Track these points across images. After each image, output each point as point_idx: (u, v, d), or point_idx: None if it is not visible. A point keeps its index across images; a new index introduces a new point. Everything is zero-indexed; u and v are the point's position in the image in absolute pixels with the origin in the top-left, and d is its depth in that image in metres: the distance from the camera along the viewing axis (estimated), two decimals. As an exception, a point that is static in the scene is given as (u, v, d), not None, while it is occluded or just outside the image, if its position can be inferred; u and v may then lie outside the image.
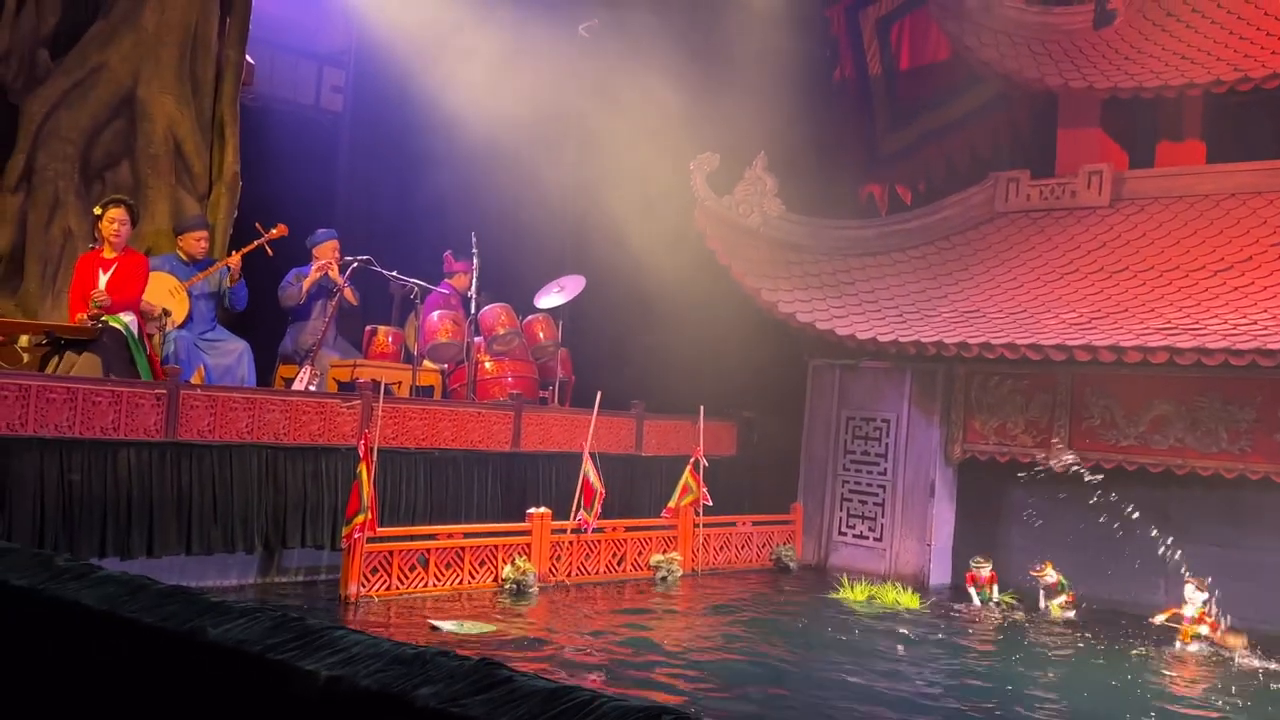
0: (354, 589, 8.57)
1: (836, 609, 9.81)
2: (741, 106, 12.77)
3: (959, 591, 10.68)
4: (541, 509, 9.91)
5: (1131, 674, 7.86)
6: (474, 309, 11.49)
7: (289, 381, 10.59)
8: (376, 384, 9.64)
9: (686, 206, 12.06)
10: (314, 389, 10.25)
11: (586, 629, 8.43)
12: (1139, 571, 9.89)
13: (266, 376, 10.82)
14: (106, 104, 10.58)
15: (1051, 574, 10.01)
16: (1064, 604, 9.89)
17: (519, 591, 9.34)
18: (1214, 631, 8.72)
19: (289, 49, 14.20)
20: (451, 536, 9.33)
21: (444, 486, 10.05)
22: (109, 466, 8.04)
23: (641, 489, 11.64)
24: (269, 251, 10.45)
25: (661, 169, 12.39)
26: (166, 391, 8.43)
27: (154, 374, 8.81)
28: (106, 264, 8.94)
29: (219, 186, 11.10)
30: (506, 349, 11.65)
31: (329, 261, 10.99)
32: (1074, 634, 9.14)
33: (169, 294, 9.77)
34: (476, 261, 11.48)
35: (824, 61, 14.98)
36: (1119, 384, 10.29)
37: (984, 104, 13.62)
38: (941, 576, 11.25)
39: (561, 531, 9.94)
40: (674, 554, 10.77)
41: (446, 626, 7.85)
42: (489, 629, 7.96)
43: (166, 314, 9.70)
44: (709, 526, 11.17)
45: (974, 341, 10.21)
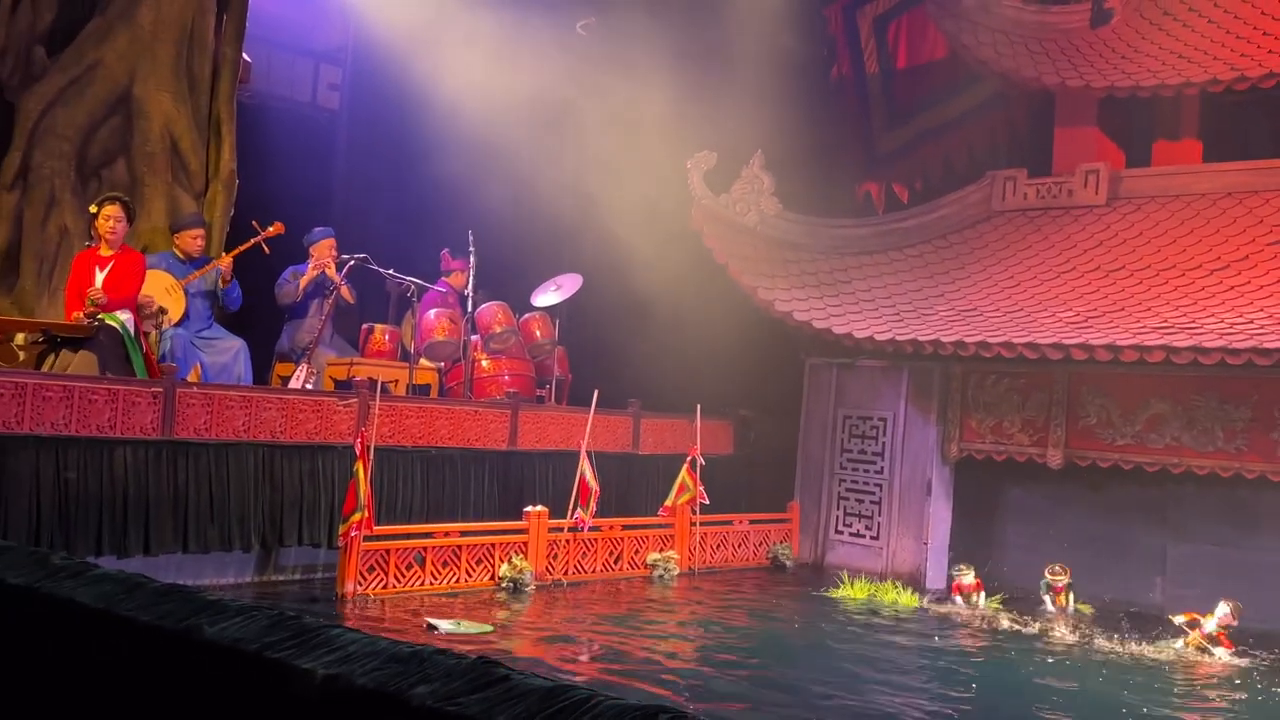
0: (351, 587, 8.57)
1: (836, 608, 9.81)
2: (739, 105, 12.78)
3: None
4: (538, 507, 9.91)
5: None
6: (471, 307, 11.48)
7: (286, 380, 10.58)
8: (373, 382, 9.63)
9: (684, 205, 12.06)
10: (310, 387, 10.24)
11: (583, 627, 8.43)
12: (1136, 570, 9.90)
13: (263, 375, 10.80)
14: (103, 101, 10.56)
15: (1064, 578, 9.80)
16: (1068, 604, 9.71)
17: (516, 590, 9.34)
18: (1227, 649, 8.57)
19: (286, 46, 14.19)
20: (448, 535, 9.33)
21: (441, 485, 10.05)
22: (105, 465, 8.03)
23: (638, 487, 11.65)
24: (266, 250, 10.43)
25: (659, 168, 12.39)
26: (163, 390, 8.42)
27: (150, 372, 8.80)
28: (103, 262, 8.92)
29: (215, 184, 11.08)
30: (503, 347, 11.65)
31: (326, 260, 10.97)
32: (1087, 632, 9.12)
33: (165, 292, 9.76)
34: (473, 260, 11.47)
35: (821, 60, 14.98)
36: (1115, 383, 10.30)
37: (981, 103, 13.63)
38: (938, 575, 11.25)
39: (558, 530, 9.94)
40: (671, 552, 10.77)
41: (444, 626, 7.85)
42: (486, 629, 7.96)
43: (163, 311, 9.68)
44: (706, 525, 11.17)
45: (971, 340, 10.22)
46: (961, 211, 12.54)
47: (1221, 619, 8.66)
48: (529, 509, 9.90)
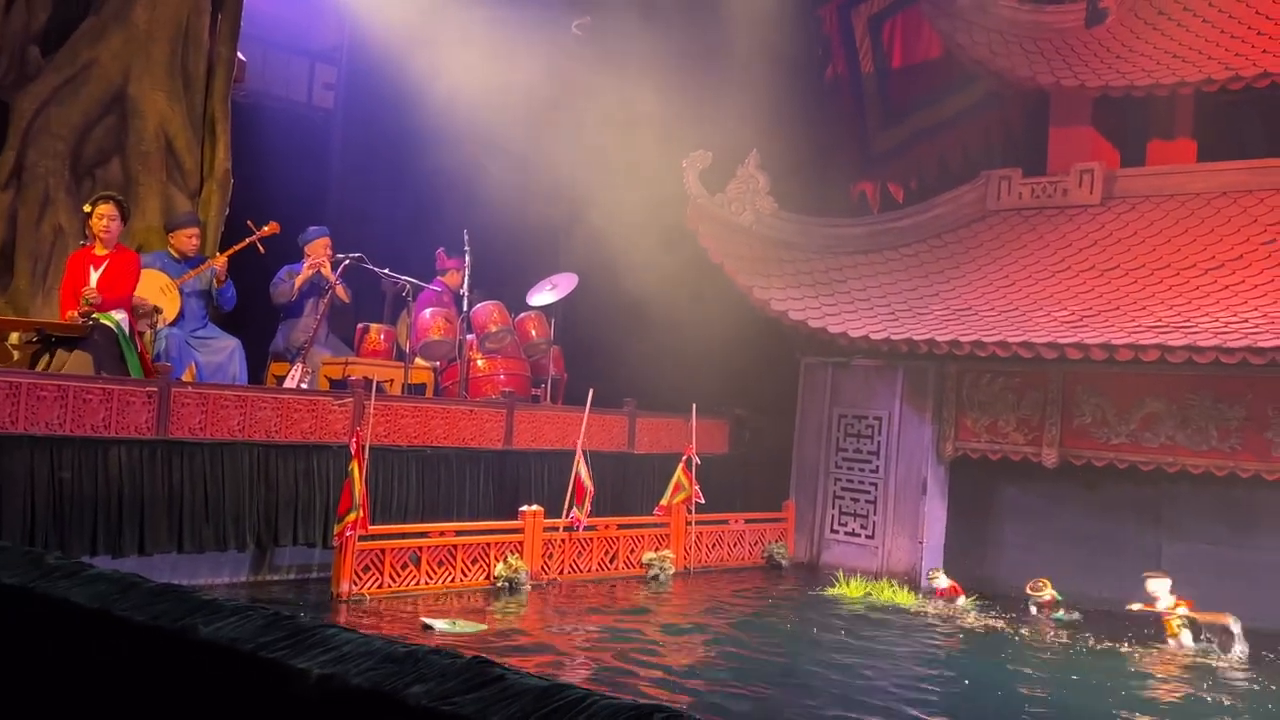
0: (346, 587, 8.56)
1: (832, 607, 9.81)
2: (734, 104, 12.77)
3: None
4: (534, 507, 9.91)
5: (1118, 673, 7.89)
6: (466, 306, 11.47)
7: (281, 379, 10.57)
8: (368, 382, 9.63)
9: (679, 204, 12.06)
10: (306, 387, 10.23)
11: (578, 627, 8.43)
12: (1131, 569, 9.90)
13: (258, 374, 10.79)
14: (97, 101, 10.54)
15: (1048, 592, 9.67)
16: (1068, 619, 9.54)
17: (511, 589, 9.33)
18: (1191, 608, 8.69)
19: (281, 46, 14.17)
20: (444, 534, 9.32)
21: (436, 484, 10.04)
22: (100, 464, 8.02)
23: (634, 487, 11.65)
24: (260, 249, 10.42)
25: (654, 167, 12.39)
26: (158, 389, 8.41)
27: (145, 372, 8.79)
28: (98, 261, 8.90)
29: (210, 184, 11.07)
30: (499, 346, 11.64)
31: (321, 259, 10.95)
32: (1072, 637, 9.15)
33: (160, 291, 9.75)
34: (469, 259, 11.46)
35: (816, 59, 14.98)
36: (1110, 382, 10.31)
37: (976, 102, 13.64)
38: (933, 574, 11.26)
39: (554, 529, 9.93)
40: (666, 552, 10.77)
41: (439, 625, 7.85)
42: (481, 628, 7.95)
43: (158, 311, 9.67)
44: (701, 524, 11.17)
45: (965, 339, 10.23)
46: (956, 211, 12.55)
47: (1160, 592, 8.92)
48: (524, 508, 9.89)
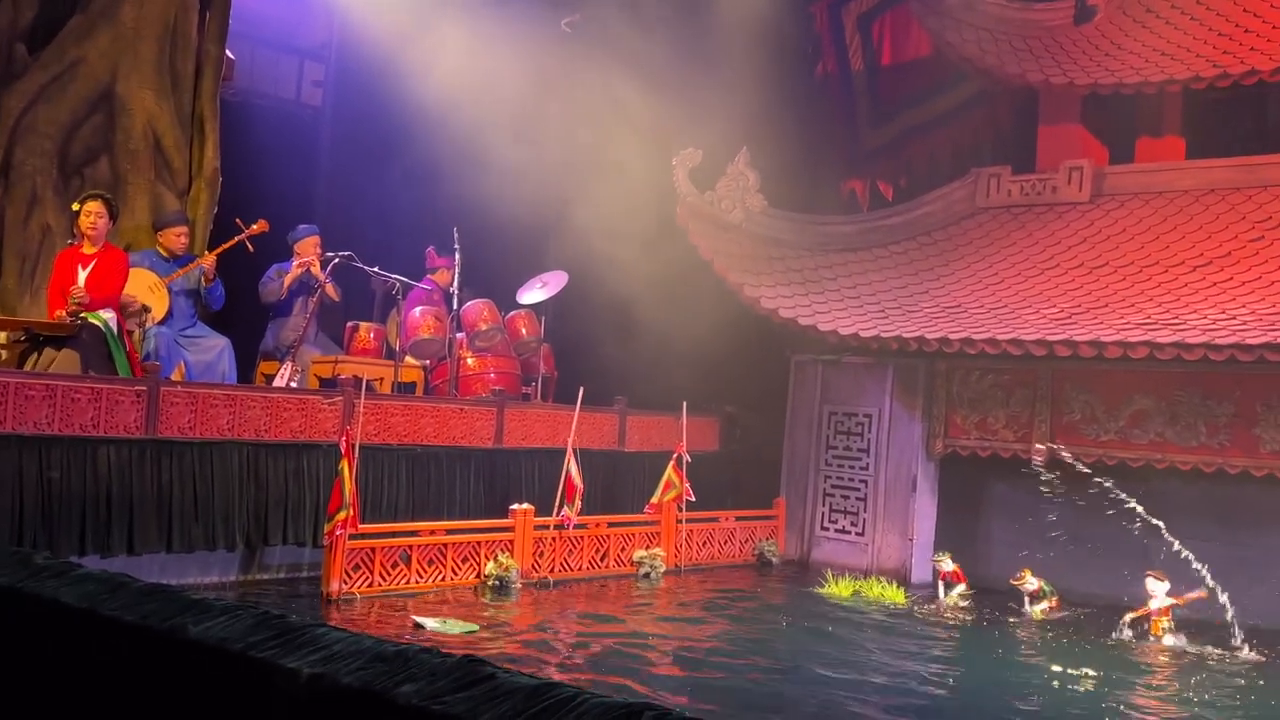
0: (336, 586, 8.54)
1: (822, 604, 9.82)
2: (724, 102, 12.77)
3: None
4: (524, 505, 9.90)
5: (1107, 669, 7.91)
6: (456, 305, 11.47)
7: (270, 378, 10.54)
8: (358, 380, 9.60)
9: (669, 202, 12.06)
10: (295, 385, 10.21)
11: (569, 625, 8.43)
12: (1121, 565, 9.93)
13: (247, 373, 10.76)
14: (85, 99, 10.50)
15: (1032, 581, 9.74)
16: (1047, 610, 9.61)
17: (502, 588, 9.33)
18: (1179, 600, 8.88)
19: (269, 43, 14.14)
20: (434, 533, 9.31)
21: (426, 483, 10.03)
22: (88, 464, 7.99)
23: (624, 485, 11.65)
24: (249, 247, 10.39)
25: (644, 164, 12.39)
26: (146, 388, 8.38)
27: (134, 371, 8.76)
28: (86, 260, 8.87)
29: (199, 182, 11.04)
30: (489, 345, 11.63)
31: (310, 257, 10.93)
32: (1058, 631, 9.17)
33: (149, 290, 9.72)
34: (459, 257, 11.45)
35: (806, 57, 15.00)
36: (1099, 379, 10.34)
37: (965, 100, 13.67)
38: (923, 571, 11.26)
39: (544, 528, 9.93)
40: (657, 550, 10.78)
41: (430, 624, 7.84)
42: (472, 627, 7.94)
43: (146, 310, 9.64)
44: (692, 522, 11.18)
45: (955, 337, 10.25)
46: (946, 208, 12.57)
47: (1158, 593, 8.99)
48: (515, 507, 9.88)
